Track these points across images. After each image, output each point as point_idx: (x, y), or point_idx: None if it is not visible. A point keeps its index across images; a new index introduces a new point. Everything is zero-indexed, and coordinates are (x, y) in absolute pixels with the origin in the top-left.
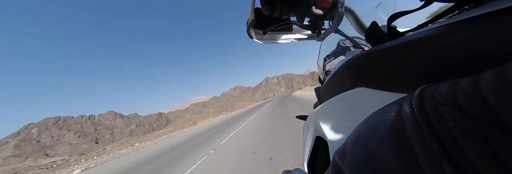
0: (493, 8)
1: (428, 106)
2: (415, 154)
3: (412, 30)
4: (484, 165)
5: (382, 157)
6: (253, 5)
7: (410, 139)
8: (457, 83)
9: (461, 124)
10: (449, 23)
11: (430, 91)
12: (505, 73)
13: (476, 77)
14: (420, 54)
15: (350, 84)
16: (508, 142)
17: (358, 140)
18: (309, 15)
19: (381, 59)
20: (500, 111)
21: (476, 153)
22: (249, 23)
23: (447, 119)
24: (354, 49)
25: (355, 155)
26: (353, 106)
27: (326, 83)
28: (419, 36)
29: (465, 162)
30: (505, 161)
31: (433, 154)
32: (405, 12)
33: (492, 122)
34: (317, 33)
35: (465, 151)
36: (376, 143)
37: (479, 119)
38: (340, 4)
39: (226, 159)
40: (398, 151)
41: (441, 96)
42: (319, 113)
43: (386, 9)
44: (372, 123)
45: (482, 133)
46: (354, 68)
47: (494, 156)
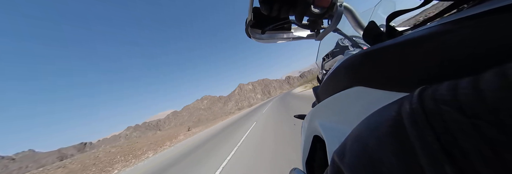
0: (492, 6)
1: (428, 106)
2: (415, 154)
3: (410, 29)
4: (485, 165)
5: (382, 157)
6: (252, 5)
7: (410, 139)
8: (457, 83)
9: (462, 124)
10: (448, 22)
11: (431, 91)
12: (505, 73)
13: (476, 77)
14: (419, 53)
15: (348, 83)
16: (509, 142)
17: (357, 140)
18: (307, 14)
19: (380, 58)
20: (501, 111)
21: (477, 153)
22: (248, 22)
23: (447, 119)
24: (353, 48)
25: (354, 155)
26: (352, 105)
27: (324, 83)
28: (418, 35)
29: (465, 162)
30: (505, 161)
31: (433, 154)
32: (404, 11)
33: (493, 122)
34: (316, 32)
35: (466, 151)
36: (376, 143)
37: (480, 119)
38: (339, 3)
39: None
40: (398, 151)
41: (442, 96)
42: (317, 112)
43: (385, 8)
44: (372, 123)
45: (482, 133)
46: (353, 67)
47: (495, 156)
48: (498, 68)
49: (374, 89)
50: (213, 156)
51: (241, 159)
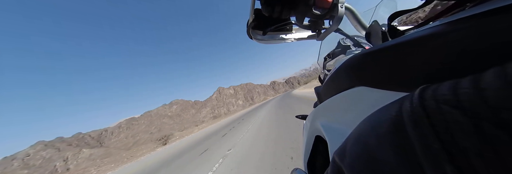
0: (495, 5)
1: (429, 105)
2: (416, 154)
3: (412, 29)
4: (485, 165)
5: (383, 157)
6: (253, 6)
7: (410, 138)
8: (458, 83)
9: (463, 123)
10: (450, 21)
11: (431, 90)
12: (507, 72)
13: (477, 76)
14: (421, 53)
15: (350, 83)
16: (509, 142)
17: (358, 140)
18: (309, 15)
19: (382, 58)
20: (502, 110)
21: (477, 152)
22: (249, 24)
23: (448, 118)
24: (354, 48)
25: (355, 155)
26: (353, 105)
27: (326, 83)
28: (420, 34)
29: (466, 162)
30: (506, 161)
31: (434, 154)
32: (406, 11)
33: (493, 122)
34: (317, 32)
35: (466, 151)
36: (376, 143)
37: (480, 118)
38: (340, 4)
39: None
40: (398, 151)
41: (442, 95)
42: (318, 112)
43: (386, 8)
44: (372, 123)
45: (483, 133)
46: (354, 67)
47: (496, 156)
48: (499, 67)
49: (376, 89)
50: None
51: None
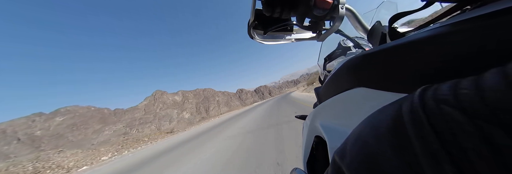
0: (496, 8)
1: (429, 105)
2: (416, 154)
3: (413, 31)
4: (486, 165)
5: (383, 157)
6: (254, 6)
7: (410, 139)
8: (458, 83)
9: (463, 124)
10: (450, 23)
11: (431, 91)
12: (507, 73)
13: (477, 77)
14: (422, 54)
15: (350, 84)
16: (509, 142)
17: (358, 140)
18: (309, 16)
19: (382, 59)
20: (502, 111)
21: (478, 153)
22: (250, 24)
23: (448, 119)
24: (355, 49)
25: (355, 155)
26: (353, 106)
27: (326, 83)
28: (420, 36)
29: (466, 162)
30: (506, 161)
31: (434, 154)
32: (406, 13)
33: (494, 122)
34: (317, 33)
35: (467, 151)
36: (376, 143)
37: (481, 119)
38: (341, 5)
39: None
40: (398, 151)
41: (443, 95)
42: (318, 113)
43: (387, 10)
44: (372, 123)
45: (484, 133)
46: (355, 68)
47: (496, 156)
48: (499, 68)
49: (376, 90)
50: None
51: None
